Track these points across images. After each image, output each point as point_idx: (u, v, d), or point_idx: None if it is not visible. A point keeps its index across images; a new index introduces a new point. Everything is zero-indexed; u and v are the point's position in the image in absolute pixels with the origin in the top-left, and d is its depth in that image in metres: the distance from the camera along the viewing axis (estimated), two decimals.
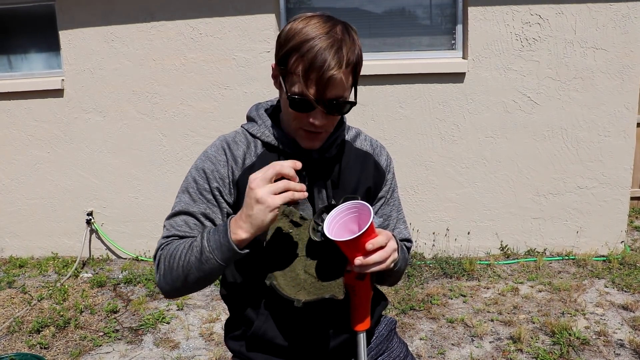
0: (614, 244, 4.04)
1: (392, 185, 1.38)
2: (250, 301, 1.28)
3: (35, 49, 4.34)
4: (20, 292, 3.80)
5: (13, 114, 4.29)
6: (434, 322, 3.21)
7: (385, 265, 1.07)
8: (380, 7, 4.00)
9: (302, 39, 1.07)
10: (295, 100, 1.11)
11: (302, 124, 1.15)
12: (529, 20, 3.71)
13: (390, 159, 1.39)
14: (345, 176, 1.27)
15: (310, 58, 1.05)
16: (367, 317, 1.19)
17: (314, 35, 1.06)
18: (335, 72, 1.05)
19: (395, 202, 1.40)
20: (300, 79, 1.08)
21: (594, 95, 3.80)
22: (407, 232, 1.42)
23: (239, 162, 1.21)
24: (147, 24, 3.98)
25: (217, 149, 1.23)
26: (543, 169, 3.96)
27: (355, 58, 1.11)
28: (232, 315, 1.37)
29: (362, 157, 1.32)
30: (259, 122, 1.25)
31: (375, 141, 1.38)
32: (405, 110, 3.95)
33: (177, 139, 4.16)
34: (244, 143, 1.24)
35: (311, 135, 1.17)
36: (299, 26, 1.09)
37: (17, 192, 4.45)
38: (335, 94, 1.09)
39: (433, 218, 4.12)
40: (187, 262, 1.10)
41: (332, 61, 1.05)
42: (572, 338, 2.91)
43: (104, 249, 4.47)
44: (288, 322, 1.25)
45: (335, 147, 1.27)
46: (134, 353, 3.01)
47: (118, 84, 4.11)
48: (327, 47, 1.06)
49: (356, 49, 1.11)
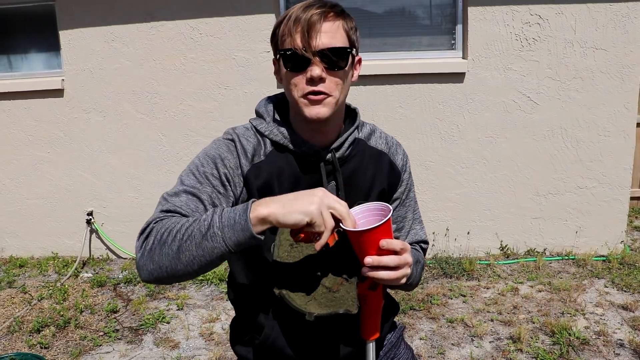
0: (614, 243, 4.04)
1: (408, 186, 1.32)
2: (261, 306, 1.22)
3: (35, 48, 4.34)
4: (20, 292, 3.81)
5: (13, 114, 4.30)
6: (433, 322, 3.21)
7: (396, 276, 1.00)
8: (381, 7, 4.00)
9: (286, 12, 1.11)
10: (287, 56, 1.09)
11: (303, 89, 1.09)
12: (529, 20, 3.72)
13: (407, 158, 1.34)
14: (358, 177, 1.21)
15: (294, 15, 1.08)
16: (377, 326, 1.15)
17: (295, 5, 1.11)
18: (316, 12, 1.06)
19: (411, 202, 1.34)
20: (287, 36, 1.08)
21: (594, 95, 3.80)
22: (424, 232, 1.37)
23: (248, 156, 1.16)
24: (147, 24, 3.98)
25: (227, 139, 1.18)
26: (543, 169, 3.96)
27: (342, 10, 1.12)
28: (240, 320, 1.30)
29: (376, 156, 1.25)
30: (267, 119, 1.20)
31: (391, 139, 1.32)
32: (405, 110, 3.95)
33: (177, 139, 4.17)
34: (254, 140, 1.18)
35: (314, 100, 1.09)
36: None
37: (17, 192, 4.46)
38: (326, 42, 1.07)
39: (433, 218, 4.12)
40: (187, 235, 0.96)
41: (312, 7, 1.08)
42: (572, 338, 2.91)
43: (104, 249, 4.47)
44: (298, 331, 1.20)
45: (348, 145, 1.21)
46: (134, 353, 3.01)
47: (118, 84, 4.12)
48: (308, 2, 1.10)
49: (344, 9, 1.14)
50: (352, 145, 1.22)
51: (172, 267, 0.97)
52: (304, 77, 1.08)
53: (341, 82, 1.11)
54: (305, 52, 1.06)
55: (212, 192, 1.09)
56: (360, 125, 1.27)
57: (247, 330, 1.26)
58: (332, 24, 1.09)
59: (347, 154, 1.21)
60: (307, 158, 1.17)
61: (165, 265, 0.98)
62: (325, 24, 1.07)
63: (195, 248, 0.95)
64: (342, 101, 1.16)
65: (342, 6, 1.14)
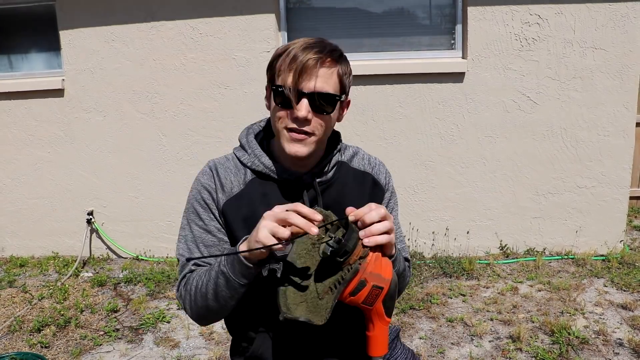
0: (613, 243, 4.04)
1: (391, 204, 1.32)
2: (252, 320, 1.25)
3: (35, 48, 4.35)
4: (21, 292, 3.81)
5: (13, 114, 4.30)
6: (433, 321, 3.21)
7: (388, 237, 1.01)
8: (380, 7, 4.01)
9: (287, 46, 1.12)
10: (277, 92, 1.11)
11: (288, 124, 1.12)
12: (529, 20, 3.72)
13: (390, 177, 1.34)
14: (343, 200, 1.21)
15: (292, 52, 1.09)
16: (383, 344, 1.11)
17: (298, 41, 1.12)
18: (314, 57, 1.08)
19: (395, 221, 1.31)
20: (283, 72, 1.10)
21: (593, 95, 3.80)
22: (406, 251, 1.35)
23: (225, 189, 1.20)
24: (147, 24, 3.99)
25: (202, 179, 1.23)
26: (542, 169, 3.97)
27: (340, 55, 1.13)
28: (234, 336, 1.34)
29: (360, 177, 1.27)
30: (249, 150, 1.23)
31: (374, 159, 1.34)
32: (405, 110, 3.96)
33: (177, 139, 4.17)
34: (233, 169, 1.22)
35: (297, 137, 1.12)
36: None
37: (17, 191, 4.46)
38: (318, 86, 1.09)
39: (433, 217, 4.12)
40: (206, 288, 1.12)
41: (312, 50, 1.09)
42: (571, 337, 2.91)
43: (105, 249, 4.48)
44: (286, 344, 1.23)
45: (331, 169, 1.23)
46: (135, 352, 3.02)
47: (118, 83, 4.12)
48: (310, 42, 1.11)
49: (342, 54, 1.14)
50: (334, 169, 1.24)
51: (209, 312, 1.17)
52: (291, 114, 1.11)
53: (326, 124, 1.14)
54: (294, 93, 1.09)
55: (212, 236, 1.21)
56: (342, 149, 1.29)
57: (241, 341, 1.30)
58: (327, 69, 1.10)
59: (330, 177, 1.23)
60: (289, 184, 1.19)
61: (206, 315, 1.19)
62: (321, 69, 1.09)
63: (217, 291, 1.12)
64: (325, 140, 1.20)
65: (340, 50, 1.16)
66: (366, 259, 1.01)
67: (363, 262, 1.00)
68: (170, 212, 4.28)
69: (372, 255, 1.02)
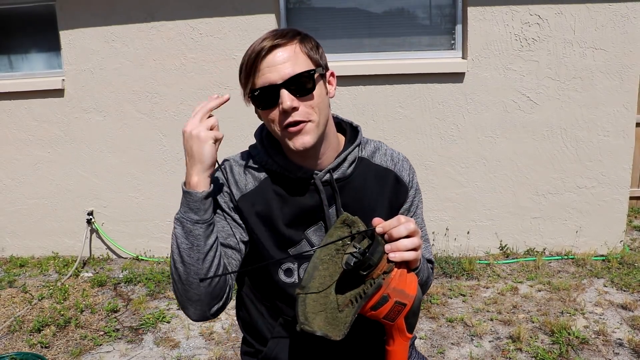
0: (613, 243, 4.04)
1: (415, 202, 1.27)
2: (267, 323, 1.23)
3: (35, 48, 4.35)
4: (20, 292, 3.81)
5: (13, 114, 4.30)
6: (433, 321, 3.22)
7: (415, 255, 0.96)
8: (380, 7, 4.01)
9: (244, 55, 1.13)
10: (255, 97, 1.10)
11: (280, 122, 1.09)
12: (529, 20, 3.72)
13: (414, 173, 1.29)
14: (363, 197, 1.18)
15: (250, 52, 1.09)
16: (404, 359, 1.08)
17: (251, 45, 1.12)
18: (268, 45, 1.06)
19: (418, 219, 1.28)
20: (251, 77, 1.09)
21: (593, 95, 3.80)
22: (429, 251, 1.30)
23: (240, 185, 1.18)
24: (147, 24, 3.99)
25: (219, 174, 1.22)
26: (542, 169, 3.97)
27: (295, 34, 1.11)
28: (247, 336, 1.31)
29: (382, 173, 1.22)
30: (263, 148, 1.21)
31: (397, 154, 1.27)
32: (405, 110, 3.96)
33: (177, 139, 4.17)
34: (247, 168, 1.21)
35: (295, 129, 1.09)
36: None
37: (17, 191, 4.46)
38: (287, 71, 1.06)
39: (433, 217, 4.12)
40: (176, 246, 1.08)
41: (263, 42, 1.08)
42: (571, 337, 2.92)
43: (105, 249, 4.48)
44: (301, 349, 1.20)
45: (349, 165, 1.18)
46: (135, 352, 3.02)
47: (118, 83, 4.12)
48: (260, 38, 1.10)
49: (298, 32, 1.12)
50: (353, 164, 1.19)
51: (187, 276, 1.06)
52: (278, 111, 1.08)
53: (316, 104, 1.10)
54: (269, 90, 1.07)
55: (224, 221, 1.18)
56: (363, 143, 1.24)
57: (253, 341, 1.28)
58: (287, 51, 1.07)
59: (349, 173, 1.18)
60: (304, 182, 1.16)
61: (190, 281, 1.07)
62: (281, 53, 1.07)
63: (185, 240, 1.06)
64: (325, 121, 1.14)
65: (295, 29, 1.13)
66: (390, 274, 0.95)
67: (387, 277, 0.95)
68: (171, 212, 4.28)
69: (397, 272, 0.97)
